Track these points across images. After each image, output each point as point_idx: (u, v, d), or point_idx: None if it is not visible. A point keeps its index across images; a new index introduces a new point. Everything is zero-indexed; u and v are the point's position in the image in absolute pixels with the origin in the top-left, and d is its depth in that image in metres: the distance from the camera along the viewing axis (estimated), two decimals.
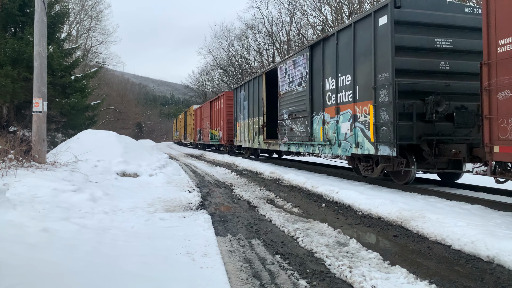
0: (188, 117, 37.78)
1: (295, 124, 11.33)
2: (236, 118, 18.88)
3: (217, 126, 23.24)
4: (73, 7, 34.00)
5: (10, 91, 12.88)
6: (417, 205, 5.77)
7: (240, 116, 18.01)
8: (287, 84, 11.96)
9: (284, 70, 12.25)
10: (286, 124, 12.08)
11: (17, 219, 4.09)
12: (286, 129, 12.07)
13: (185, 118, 40.38)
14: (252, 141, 16.04)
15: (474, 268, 3.53)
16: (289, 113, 11.79)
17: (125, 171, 9.69)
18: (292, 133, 11.52)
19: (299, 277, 3.27)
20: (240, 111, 17.88)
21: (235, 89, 19.07)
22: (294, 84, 11.42)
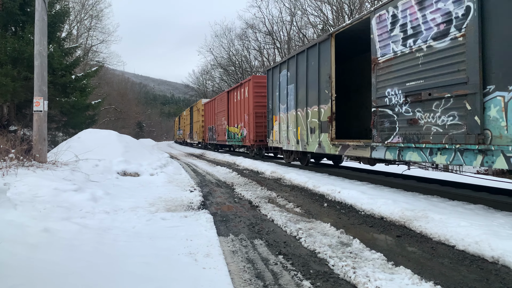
0: (195, 113, 33.23)
1: (424, 112, 6.44)
2: (271, 109, 13.89)
3: (238, 122, 18.48)
4: (74, 6, 33.99)
5: (11, 90, 12.85)
6: (419, 204, 5.73)
7: (279, 106, 12.98)
8: (399, 42, 7.00)
9: (391, 19, 7.22)
10: (395, 112, 7.14)
11: (18, 219, 4.06)
12: (395, 121, 7.16)
13: (191, 114, 35.97)
14: (304, 142, 11.06)
15: (479, 268, 3.50)
16: (405, 92, 6.86)
17: (126, 171, 9.66)
18: (416, 128, 6.63)
19: (302, 277, 3.24)
20: (280, 100, 12.86)
21: (271, 70, 13.90)
22: (420, 38, 6.49)
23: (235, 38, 43.35)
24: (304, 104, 10.98)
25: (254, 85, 16.26)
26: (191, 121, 36.43)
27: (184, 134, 43.70)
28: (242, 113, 17.85)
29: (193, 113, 34.80)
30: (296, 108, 11.58)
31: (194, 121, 34.05)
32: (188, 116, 39.10)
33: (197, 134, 31.96)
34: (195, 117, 33.88)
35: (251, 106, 16.39)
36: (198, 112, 31.54)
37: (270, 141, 14.27)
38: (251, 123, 16.45)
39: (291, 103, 11.94)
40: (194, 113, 34.47)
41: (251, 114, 16.39)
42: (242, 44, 41.64)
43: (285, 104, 12.41)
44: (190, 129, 37.11)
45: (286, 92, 12.25)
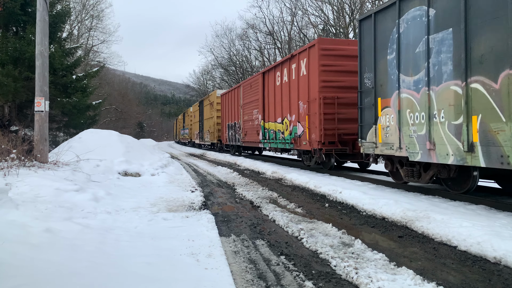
0: (207, 108, 27.75)
1: None
2: (373, 89, 7.94)
3: (284, 115, 12.86)
4: (75, 6, 33.98)
5: (12, 90, 12.85)
6: (421, 205, 5.73)
7: (398, 80, 7.18)
8: None
9: None
10: None
11: (20, 219, 4.06)
12: None
13: (201, 110, 30.46)
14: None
15: (481, 269, 3.49)
16: None
17: (127, 171, 9.67)
18: None
19: (304, 278, 3.24)
20: (402, 67, 7.09)
21: (371, 18, 7.97)
22: None
23: (236, 38, 43.27)
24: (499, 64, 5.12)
25: (322, 55, 10.27)
26: (201, 119, 30.71)
27: (191, 134, 38.17)
28: (292, 101, 12.17)
29: (204, 108, 29.09)
30: (466, 76, 5.60)
31: (206, 117, 28.44)
32: (196, 113, 33.52)
33: (211, 134, 26.16)
34: (206, 112, 28.13)
35: (315, 89, 10.46)
36: (211, 107, 25.81)
37: (367, 145, 8.21)
38: (313, 116, 10.64)
39: (444, 70, 6.08)
40: (205, 108, 28.66)
41: (315, 101, 10.44)
42: (242, 44, 41.63)
43: (418, 73, 6.64)
44: (199, 127, 30.86)
45: (425, 50, 6.43)
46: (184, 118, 45.38)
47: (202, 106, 30.36)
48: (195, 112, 34.99)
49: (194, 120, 35.18)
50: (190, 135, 38.52)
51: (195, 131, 34.76)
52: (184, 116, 45.41)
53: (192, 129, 36.79)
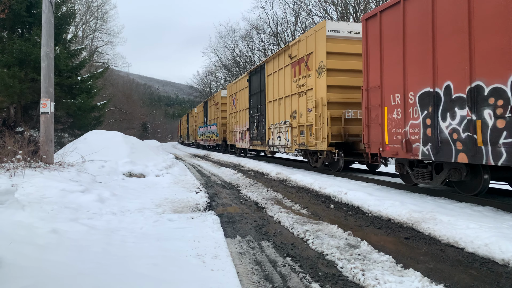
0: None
1: None
2: None
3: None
4: (79, 8, 34.19)
5: (18, 91, 12.94)
6: (427, 206, 5.69)
7: None
8: None
9: None
10: None
11: (26, 219, 4.08)
12: None
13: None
14: None
15: (489, 271, 3.46)
16: None
17: (132, 172, 9.69)
18: None
19: (311, 280, 3.22)
20: None
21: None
22: None
23: (240, 39, 43.33)
24: None
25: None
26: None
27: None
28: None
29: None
30: None
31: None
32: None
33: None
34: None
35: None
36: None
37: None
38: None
39: None
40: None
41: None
42: (246, 45, 41.66)
43: None
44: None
45: None
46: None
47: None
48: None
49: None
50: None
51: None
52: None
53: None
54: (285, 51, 12.75)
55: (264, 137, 15.14)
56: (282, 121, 13.09)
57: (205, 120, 30.53)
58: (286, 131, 12.69)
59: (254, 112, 16.41)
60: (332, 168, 10.75)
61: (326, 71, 9.90)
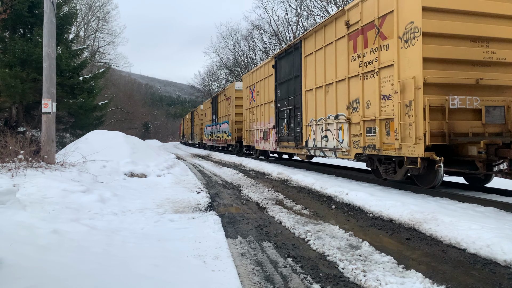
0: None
1: None
2: None
3: None
4: (81, 8, 34.25)
5: (19, 91, 12.97)
6: (429, 207, 5.67)
7: None
8: None
9: None
10: None
11: (28, 220, 4.08)
12: None
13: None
14: None
15: (491, 272, 3.45)
16: None
17: (133, 172, 9.70)
18: None
19: (312, 281, 3.21)
20: None
21: None
22: None
23: (241, 39, 43.36)
24: None
25: None
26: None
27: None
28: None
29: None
30: None
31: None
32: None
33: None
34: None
35: None
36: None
37: None
38: None
39: None
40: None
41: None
42: (247, 45, 41.67)
43: None
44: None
45: None
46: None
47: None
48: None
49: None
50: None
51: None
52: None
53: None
54: (337, 19, 9.31)
55: (300, 137, 11.72)
56: (331, 115, 9.59)
57: (214, 118, 26.83)
58: (339, 129, 9.24)
59: (283, 106, 13.11)
60: (422, 183, 7.24)
61: (421, 37, 6.58)
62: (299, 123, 11.81)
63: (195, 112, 38.99)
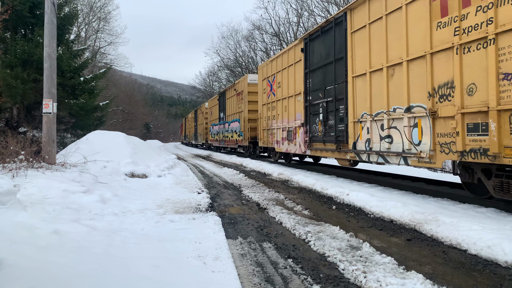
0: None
1: None
2: None
3: None
4: (82, 8, 34.31)
5: (20, 92, 12.99)
6: (430, 207, 5.66)
7: None
8: None
9: None
10: None
11: (28, 220, 4.09)
12: None
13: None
14: None
15: (492, 274, 3.44)
16: None
17: (134, 172, 9.70)
18: None
19: (312, 282, 3.21)
20: None
21: None
22: None
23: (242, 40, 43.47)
24: None
25: None
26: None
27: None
28: None
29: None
30: None
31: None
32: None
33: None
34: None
35: None
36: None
37: None
38: None
39: None
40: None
41: None
42: (248, 45, 41.72)
43: None
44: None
45: None
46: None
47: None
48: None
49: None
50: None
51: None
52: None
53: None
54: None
55: (344, 137, 9.16)
56: (399, 108, 7.16)
57: (222, 116, 24.21)
58: (413, 126, 6.79)
59: (317, 98, 10.62)
60: None
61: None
62: (343, 118, 9.30)
63: (199, 110, 36.14)
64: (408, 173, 10.29)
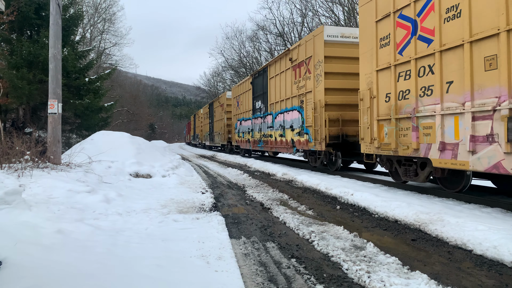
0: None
1: None
2: None
3: None
4: (87, 9, 34.53)
5: (26, 93, 13.10)
6: (435, 207, 5.62)
7: None
8: None
9: None
10: None
11: (33, 220, 4.10)
12: None
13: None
14: None
15: (497, 274, 3.40)
16: None
17: (138, 172, 9.73)
18: None
19: (316, 282, 3.19)
20: None
21: None
22: None
23: (246, 40, 43.48)
24: None
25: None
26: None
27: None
28: None
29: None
30: None
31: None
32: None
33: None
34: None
35: None
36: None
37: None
38: None
39: None
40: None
41: None
42: (253, 45, 41.72)
43: None
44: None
45: None
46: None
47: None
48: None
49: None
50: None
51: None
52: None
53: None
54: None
55: None
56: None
57: (260, 106, 16.59)
58: None
59: None
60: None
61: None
62: None
63: (216, 103, 29.09)
64: None
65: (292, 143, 12.89)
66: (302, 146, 12.14)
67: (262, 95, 16.29)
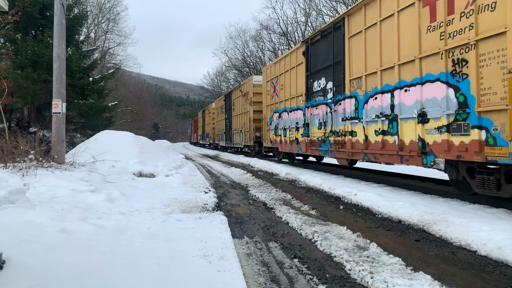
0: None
1: None
2: None
3: None
4: (91, 9, 34.69)
5: (31, 92, 13.17)
6: (439, 208, 5.59)
7: None
8: None
9: None
10: None
11: (36, 219, 4.13)
12: None
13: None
14: None
15: (502, 275, 3.37)
16: None
17: (142, 172, 9.76)
18: None
19: (318, 282, 3.18)
20: None
21: None
22: None
23: (250, 40, 43.51)
24: None
25: None
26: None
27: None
28: None
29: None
30: None
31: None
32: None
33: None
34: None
35: None
36: None
37: None
38: None
39: None
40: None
41: None
42: (256, 45, 41.77)
43: None
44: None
45: None
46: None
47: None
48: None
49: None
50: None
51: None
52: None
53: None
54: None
55: None
56: None
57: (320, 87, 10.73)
58: None
59: None
60: None
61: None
62: None
63: (234, 93, 23.52)
64: (417, 173, 10.16)
65: (421, 145, 6.59)
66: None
67: (330, 68, 10.16)
